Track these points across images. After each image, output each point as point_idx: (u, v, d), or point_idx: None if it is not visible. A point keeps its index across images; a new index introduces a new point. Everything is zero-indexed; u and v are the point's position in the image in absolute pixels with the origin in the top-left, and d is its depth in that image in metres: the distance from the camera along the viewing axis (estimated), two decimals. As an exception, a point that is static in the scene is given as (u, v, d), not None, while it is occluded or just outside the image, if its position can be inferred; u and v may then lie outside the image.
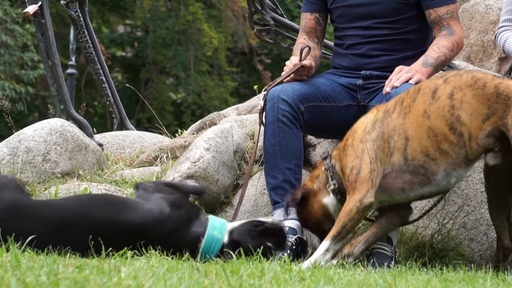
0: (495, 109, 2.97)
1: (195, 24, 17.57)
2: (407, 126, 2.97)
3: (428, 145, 2.94)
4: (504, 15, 3.68)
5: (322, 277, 2.43)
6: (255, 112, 4.46)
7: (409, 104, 3.00)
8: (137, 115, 17.42)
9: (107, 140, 4.40)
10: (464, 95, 2.96)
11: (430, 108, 2.95)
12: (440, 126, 2.94)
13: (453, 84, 2.98)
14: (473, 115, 2.95)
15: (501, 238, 3.22)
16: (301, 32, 3.76)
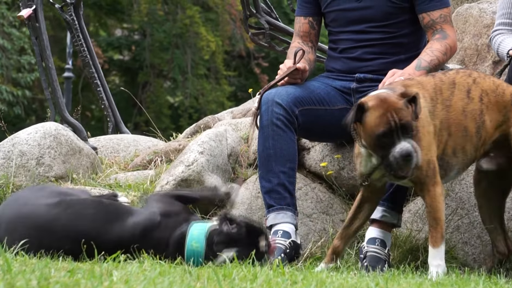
0: (508, 117, 3.03)
1: (193, 27, 17.57)
2: (451, 122, 2.96)
3: (459, 143, 2.97)
4: (499, 18, 3.68)
5: (314, 280, 2.43)
6: (249, 115, 4.47)
7: (448, 97, 2.99)
8: (135, 119, 17.41)
9: (102, 144, 4.40)
10: (489, 101, 3.02)
11: (467, 108, 2.98)
12: (471, 127, 2.98)
13: (481, 87, 3.02)
14: (492, 122, 3.02)
15: (496, 244, 3.22)
16: (295, 36, 3.77)
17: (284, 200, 3.37)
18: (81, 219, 2.86)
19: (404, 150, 2.78)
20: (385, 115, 2.79)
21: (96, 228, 2.84)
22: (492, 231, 3.24)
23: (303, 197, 3.74)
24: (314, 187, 3.80)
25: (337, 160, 3.76)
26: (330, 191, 3.81)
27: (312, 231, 3.64)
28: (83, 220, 2.86)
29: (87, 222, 2.85)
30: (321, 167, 3.80)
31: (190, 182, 3.58)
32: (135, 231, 2.85)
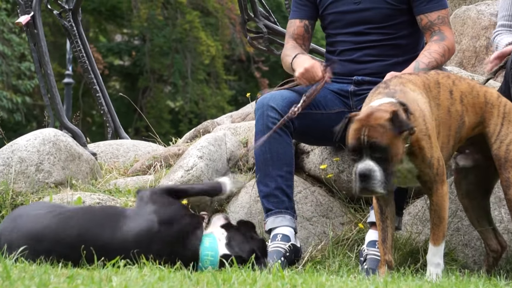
0: (484, 118, 3.05)
1: (192, 32, 17.58)
2: (440, 120, 2.96)
3: (444, 142, 2.97)
4: (499, 20, 3.70)
5: (313, 284, 2.43)
6: (248, 119, 4.47)
7: (436, 96, 2.99)
8: (135, 124, 17.41)
9: (101, 149, 4.41)
10: (468, 102, 3.04)
11: (451, 109, 2.99)
12: (454, 127, 2.99)
13: (460, 89, 3.03)
14: (470, 123, 3.04)
15: (488, 243, 3.23)
16: (288, 38, 3.74)
17: (282, 203, 3.37)
18: (72, 225, 2.85)
19: (361, 169, 2.75)
20: (358, 131, 2.77)
21: (87, 235, 2.82)
22: (482, 231, 3.25)
23: (303, 200, 3.73)
24: (313, 190, 3.80)
25: (336, 163, 3.76)
26: (329, 194, 3.81)
27: (312, 234, 3.64)
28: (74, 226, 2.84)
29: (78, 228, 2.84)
30: (320, 171, 3.80)
31: (189, 187, 3.58)
32: (128, 243, 2.82)
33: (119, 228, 2.82)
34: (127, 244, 2.78)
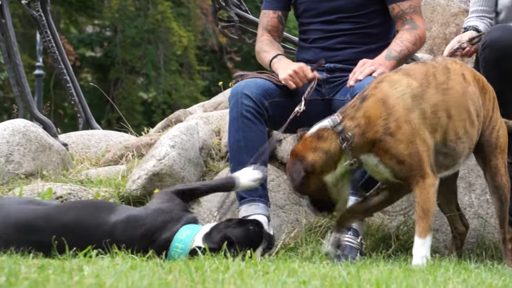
0: (482, 102, 3.08)
1: (164, 23, 17.48)
2: (450, 104, 2.85)
3: (464, 126, 2.89)
4: (473, 6, 3.74)
5: (286, 270, 2.44)
6: (221, 108, 4.46)
7: (444, 81, 2.90)
8: (107, 116, 17.29)
9: (72, 140, 4.37)
10: (477, 85, 3.04)
11: (467, 90, 2.94)
12: (472, 110, 2.94)
13: (469, 72, 3.02)
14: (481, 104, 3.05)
15: (455, 226, 3.27)
16: (262, 30, 3.73)
17: (256, 191, 3.37)
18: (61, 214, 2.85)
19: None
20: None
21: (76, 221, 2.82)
22: (450, 214, 3.28)
23: (276, 188, 3.74)
24: (286, 178, 3.80)
25: (309, 151, 3.76)
26: (302, 182, 3.81)
27: (285, 222, 3.65)
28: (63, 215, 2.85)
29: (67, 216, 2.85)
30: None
31: (162, 176, 3.57)
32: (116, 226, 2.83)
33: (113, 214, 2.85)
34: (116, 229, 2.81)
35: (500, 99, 3.37)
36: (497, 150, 3.07)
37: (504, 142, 3.10)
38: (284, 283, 2.15)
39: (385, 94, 2.79)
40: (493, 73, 3.32)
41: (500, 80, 3.31)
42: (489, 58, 3.30)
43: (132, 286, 2.00)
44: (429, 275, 2.54)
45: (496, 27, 3.41)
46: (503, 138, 3.10)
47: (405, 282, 2.28)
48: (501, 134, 3.09)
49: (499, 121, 3.11)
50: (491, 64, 3.31)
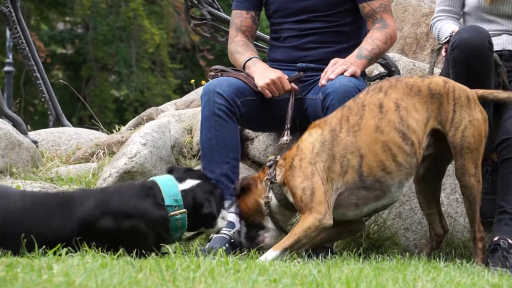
0: (432, 110, 3.09)
1: (136, 20, 17.39)
2: (360, 144, 2.96)
3: (384, 159, 2.98)
4: (439, 5, 3.75)
5: (256, 268, 2.44)
6: (193, 106, 4.45)
7: (357, 122, 3.00)
8: (79, 113, 17.17)
9: (42, 137, 4.33)
10: (407, 104, 3.04)
11: (382, 123, 2.99)
12: (394, 138, 2.99)
13: (394, 96, 3.04)
14: (418, 122, 3.05)
15: (433, 226, 3.29)
16: (235, 31, 3.71)
17: (228, 190, 3.36)
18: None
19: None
20: None
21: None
22: (429, 214, 3.31)
23: (247, 187, 3.73)
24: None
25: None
26: (274, 180, 3.81)
27: (257, 220, 3.64)
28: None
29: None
30: (265, 157, 3.81)
31: (133, 174, 3.55)
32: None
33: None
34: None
35: None
36: (464, 151, 3.07)
37: (473, 142, 3.09)
38: (255, 281, 2.15)
39: (302, 140, 3.06)
40: (463, 74, 3.34)
41: (469, 80, 3.33)
42: (458, 59, 3.33)
43: (102, 284, 1.98)
44: (399, 273, 2.56)
45: (464, 28, 3.43)
46: (470, 138, 3.09)
47: (375, 281, 2.30)
48: (468, 134, 3.07)
49: (464, 122, 3.09)
50: (460, 64, 3.33)
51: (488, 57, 3.33)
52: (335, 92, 3.25)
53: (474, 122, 3.11)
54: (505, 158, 3.33)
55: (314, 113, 3.50)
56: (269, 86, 3.41)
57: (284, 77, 3.45)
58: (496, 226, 3.26)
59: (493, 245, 3.19)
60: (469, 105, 3.14)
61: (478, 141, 3.10)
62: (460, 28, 3.45)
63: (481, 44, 3.30)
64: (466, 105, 3.14)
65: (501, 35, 3.61)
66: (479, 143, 3.10)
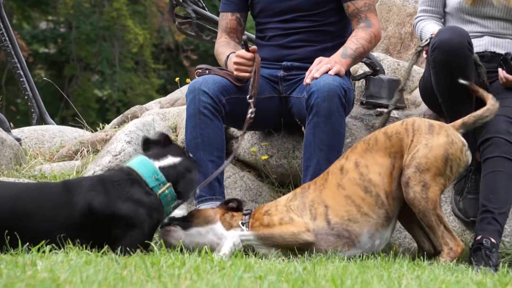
0: (395, 153, 3.08)
1: (120, 20, 17.32)
2: (324, 197, 3.07)
3: (348, 210, 3.04)
4: (421, 5, 3.77)
5: (242, 266, 2.44)
6: (177, 105, 4.44)
7: (322, 184, 3.11)
8: (61, 112, 17.07)
9: (26, 135, 4.30)
10: (366, 160, 3.07)
11: (343, 181, 3.06)
12: (356, 192, 3.05)
13: (353, 157, 3.10)
14: (381, 174, 3.06)
15: (420, 245, 3.24)
16: (221, 32, 3.73)
17: (213, 189, 3.36)
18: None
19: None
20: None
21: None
22: (414, 234, 3.27)
23: (232, 185, 3.74)
24: (242, 175, 3.81)
25: (266, 148, 3.78)
26: (259, 179, 3.83)
27: (241, 219, 3.64)
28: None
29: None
30: (249, 156, 3.81)
31: (117, 172, 3.53)
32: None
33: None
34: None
35: (450, 100, 3.42)
36: (410, 170, 3.00)
37: (424, 162, 3.00)
38: (241, 278, 2.15)
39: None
40: (443, 74, 3.36)
41: (449, 81, 3.35)
42: (438, 60, 3.34)
43: (86, 280, 1.97)
44: (384, 271, 2.57)
45: (444, 29, 3.44)
46: (421, 158, 3.00)
47: (360, 278, 2.30)
48: (419, 155, 3.01)
49: (419, 146, 3.03)
50: (441, 65, 3.34)
51: (468, 57, 3.34)
52: (320, 90, 3.26)
53: (431, 144, 3.04)
54: (487, 157, 3.35)
55: (299, 111, 3.51)
56: (237, 69, 3.41)
57: (242, 52, 3.44)
58: (479, 225, 3.27)
59: (476, 244, 3.20)
60: (430, 132, 3.07)
61: (431, 163, 3.01)
62: (440, 29, 3.45)
63: (460, 44, 3.31)
64: (426, 132, 3.07)
65: (483, 36, 3.62)
66: (432, 164, 3.01)
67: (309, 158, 3.29)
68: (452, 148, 3.04)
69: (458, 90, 3.37)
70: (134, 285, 1.99)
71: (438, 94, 3.46)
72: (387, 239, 3.12)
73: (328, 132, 3.26)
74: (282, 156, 3.76)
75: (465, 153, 3.09)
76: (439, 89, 3.44)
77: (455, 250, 3.05)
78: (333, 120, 3.26)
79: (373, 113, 3.84)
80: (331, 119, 3.26)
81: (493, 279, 2.52)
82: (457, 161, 3.06)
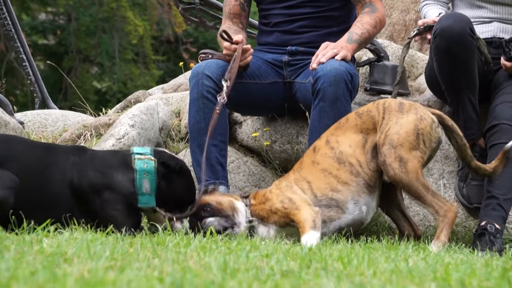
0: (367, 129, 3.11)
1: (119, 11, 17.29)
2: (304, 174, 3.13)
3: (328, 181, 3.09)
4: None
5: (248, 245, 2.44)
6: (180, 90, 4.43)
7: (298, 166, 3.18)
8: (60, 104, 17.05)
9: (29, 119, 4.29)
10: (337, 136, 3.13)
11: (316, 157, 3.13)
12: (330, 163, 3.10)
13: (324, 136, 3.17)
14: (352, 146, 3.11)
15: (401, 229, 3.23)
16: (225, 18, 3.71)
17: (216, 174, 3.35)
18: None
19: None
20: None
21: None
22: (394, 218, 3.27)
23: (235, 170, 3.73)
24: (246, 160, 3.80)
25: (269, 133, 3.77)
26: (262, 164, 3.82)
27: (245, 203, 3.64)
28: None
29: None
30: (253, 141, 3.80)
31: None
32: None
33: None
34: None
35: (452, 86, 3.41)
36: (385, 147, 3.02)
37: (396, 139, 3.03)
38: (247, 256, 2.14)
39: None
40: (445, 61, 3.35)
41: (451, 67, 3.35)
42: (440, 47, 3.33)
43: (94, 255, 1.97)
44: (389, 252, 2.56)
45: (446, 15, 3.42)
46: (393, 135, 3.03)
47: (367, 257, 2.30)
48: (391, 132, 3.04)
49: (390, 123, 3.07)
50: (443, 52, 3.33)
51: (470, 44, 3.33)
52: (326, 75, 3.25)
53: (401, 121, 3.06)
54: (493, 143, 3.35)
55: (303, 97, 3.49)
56: (228, 54, 3.40)
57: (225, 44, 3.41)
58: (483, 210, 3.27)
59: (480, 230, 3.20)
60: (400, 110, 3.10)
61: (403, 138, 3.03)
62: (441, 16, 3.44)
63: (462, 31, 3.30)
64: (397, 110, 3.11)
65: (492, 22, 3.61)
66: (404, 139, 3.03)
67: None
68: (421, 123, 3.08)
69: (461, 77, 3.36)
70: (141, 261, 1.98)
71: (441, 81, 3.45)
72: (373, 209, 3.15)
73: (334, 117, 3.24)
74: (286, 142, 3.75)
75: (435, 129, 3.11)
76: (441, 76, 3.43)
77: (449, 216, 3.03)
78: (339, 105, 3.25)
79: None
80: (337, 104, 3.25)
81: (499, 260, 2.51)
82: (428, 136, 3.09)
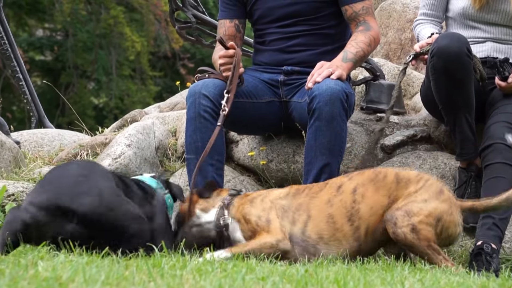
0: (395, 196, 3.00)
1: (117, 27, 17.32)
2: (311, 206, 3.02)
3: (324, 229, 2.98)
4: (422, 8, 3.78)
5: (244, 267, 2.43)
6: (177, 109, 4.44)
7: (316, 192, 3.06)
8: (57, 120, 17.04)
9: (25, 138, 4.28)
10: (366, 190, 3.01)
11: (334, 199, 3.01)
12: (340, 215, 2.99)
13: (356, 181, 3.04)
14: (373, 208, 2.99)
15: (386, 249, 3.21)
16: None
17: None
18: None
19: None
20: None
21: None
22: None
23: (232, 189, 3.73)
24: (242, 179, 3.80)
25: (265, 152, 3.77)
26: (258, 183, 3.82)
27: (241, 223, 3.63)
28: None
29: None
30: (249, 160, 3.80)
31: (117, 176, 3.51)
32: None
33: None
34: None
35: (449, 105, 3.42)
36: (399, 212, 2.95)
37: (416, 210, 2.94)
38: (243, 279, 2.14)
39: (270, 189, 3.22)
40: (442, 81, 3.36)
41: (448, 87, 3.36)
42: (437, 66, 3.34)
43: (89, 279, 1.96)
44: (386, 273, 2.56)
45: (443, 35, 3.44)
46: (415, 207, 2.94)
47: (363, 280, 2.29)
48: (414, 204, 2.95)
49: (415, 197, 2.97)
50: (440, 72, 3.34)
51: (467, 63, 3.34)
52: (322, 94, 3.25)
53: (430, 202, 2.98)
54: (489, 163, 3.35)
55: (300, 116, 3.50)
56: (224, 69, 3.41)
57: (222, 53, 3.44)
58: (479, 230, 3.27)
59: (477, 250, 3.19)
60: (437, 194, 2.99)
61: (423, 214, 2.94)
62: (438, 36, 3.45)
63: (459, 51, 3.31)
64: (434, 191, 3.00)
65: (486, 42, 3.63)
66: (423, 215, 2.94)
67: (310, 162, 3.29)
68: (448, 217, 2.98)
69: (458, 97, 3.37)
70: (136, 285, 1.98)
71: (438, 101, 3.45)
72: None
73: (329, 136, 3.25)
74: (282, 161, 3.75)
75: (457, 230, 3.02)
76: (438, 96, 3.44)
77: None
78: (335, 124, 3.26)
79: (373, 118, 3.84)
80: (333, 123, 3.25)
81: (496, 282, 2.51)
82: (447, 230, 2.99)
